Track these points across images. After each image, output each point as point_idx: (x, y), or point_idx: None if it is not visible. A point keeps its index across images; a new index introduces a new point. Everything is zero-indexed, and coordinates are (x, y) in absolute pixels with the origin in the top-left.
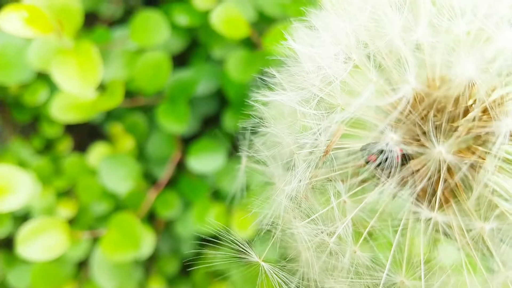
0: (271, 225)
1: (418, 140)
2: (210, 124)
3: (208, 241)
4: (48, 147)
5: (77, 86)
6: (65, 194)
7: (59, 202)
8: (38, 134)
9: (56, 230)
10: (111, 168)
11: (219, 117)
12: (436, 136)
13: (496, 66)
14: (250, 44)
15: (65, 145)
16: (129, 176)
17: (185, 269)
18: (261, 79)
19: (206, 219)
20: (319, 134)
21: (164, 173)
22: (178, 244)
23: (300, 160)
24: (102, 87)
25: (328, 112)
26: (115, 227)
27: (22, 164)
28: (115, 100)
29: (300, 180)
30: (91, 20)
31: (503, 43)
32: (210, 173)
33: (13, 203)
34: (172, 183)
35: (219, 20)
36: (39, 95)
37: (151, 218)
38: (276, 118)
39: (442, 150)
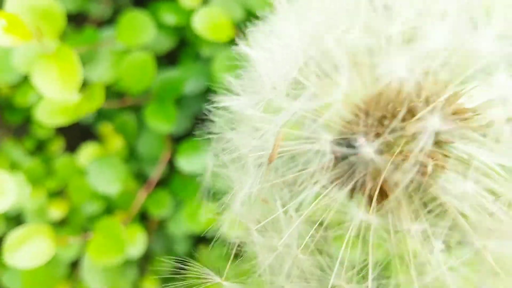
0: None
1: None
2: (202, 122)
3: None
4: (40, 148)
5: (58, 91)
6: (56, 194)
7: (50, 203)
8: (30, 135)
9: (42, 236)
10: (100, 170)
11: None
12: (366, 136)
13: (427, 64)
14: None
15: (57, 145)
16: (118, 177)
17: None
18: (222, 83)
19: (198, 218)
20: (267, 136)
21: (154, 173)
22: (171, 243)
23: (251, 164)
24: (89, 88)
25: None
26: (100, 232)
27: (14, 165)
28: (97, 102)
29: (252, 185)
30: (80, 20)
31: (436, 41)
32: (199, 173)
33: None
34: (164, 182)
35: (201, 23)
36: (30, 96)
37: (143, 218)
38: (233, 122)
39: (369, 151)
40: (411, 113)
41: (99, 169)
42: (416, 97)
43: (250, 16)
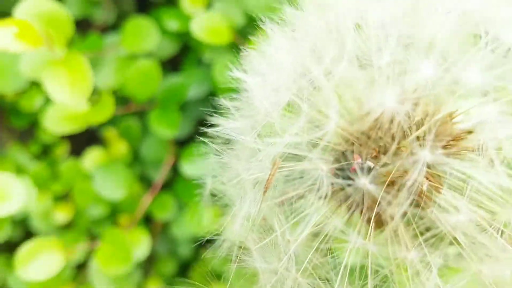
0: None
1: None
2: (205, 126)
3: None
4: (45, 152)
5: (69, 97)
6: (62, 198)
7: (56, 206)
8: (35, 139)
9: (52, 249)
10: (105, 176)
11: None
12: (362, 167)
13: (416, 95)
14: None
15: (62, 149)
16: (123, 183)
17: (183, 270)
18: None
19: (201, 221)
20: (264, 161)
21: (159, 177)
22: (175, 246)
23: (249, 185)
24: (96, 95)
25: (272, 138)
26: (107, 242)
27: (19, 169)
28: (107, 112)
29: (250, 206)
30: (84, 26)
31: (422, 73)
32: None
33: (7, 209)
34: (167, 185)
35: (200, 28)
36: (35, 101)
37: (147, 221)
38: (229, 144)
39: (365, 182)
40: (403, 143)
41: (104, 175)
42: (407, 127)
43: (251, 21)
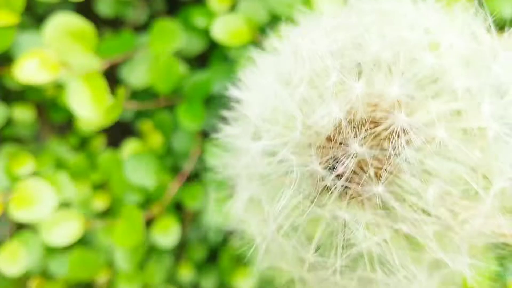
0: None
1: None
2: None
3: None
4: (83, 144)
5: (89, 112)
6: (100, 187)
7: (94, 195)
8: (74, 132)
9: (72, 219)
10: (135, 164)
11: None
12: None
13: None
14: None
15: (99, 141)
16: (153, 171)
17: (213, 255)
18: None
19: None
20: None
21: (186, 167)
22: (206, 233)
23: (244, 177)
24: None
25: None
26: (124, 219)
27: (59, 161)
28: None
29: (244, 193)
30: (117, 24)
31: (357, 91)
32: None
33: (38, 213)
34: (198, 176)
35: (220, 31)
36: None
37: (179, 209)
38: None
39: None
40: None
41: (135, 164)
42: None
43: (275, 18)
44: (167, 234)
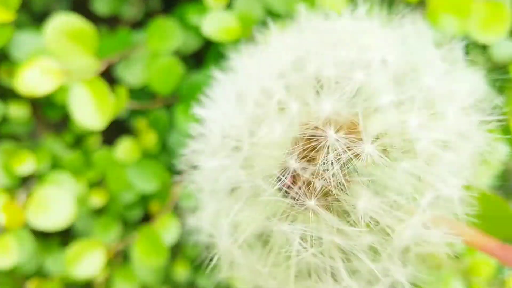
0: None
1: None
2: None
3: None
4: (78, 142)
5: (92, 118)
6: (96, 184)
7: (91, 192)
8: (69, 130)
9: (96, 250)
10: (138, 171)
11: None
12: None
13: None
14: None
15: (94, 139)
16: (155, 176)
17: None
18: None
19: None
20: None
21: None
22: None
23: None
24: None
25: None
26: (143, 238)
27: (55, 158)
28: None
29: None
30: (113, 22)
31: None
32: None
33: (55, 221)
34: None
35: (210, 27)
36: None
37: (176, 208)
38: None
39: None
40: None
41: (137, 170)
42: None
43: (271, 15)
44: (167, 232)
